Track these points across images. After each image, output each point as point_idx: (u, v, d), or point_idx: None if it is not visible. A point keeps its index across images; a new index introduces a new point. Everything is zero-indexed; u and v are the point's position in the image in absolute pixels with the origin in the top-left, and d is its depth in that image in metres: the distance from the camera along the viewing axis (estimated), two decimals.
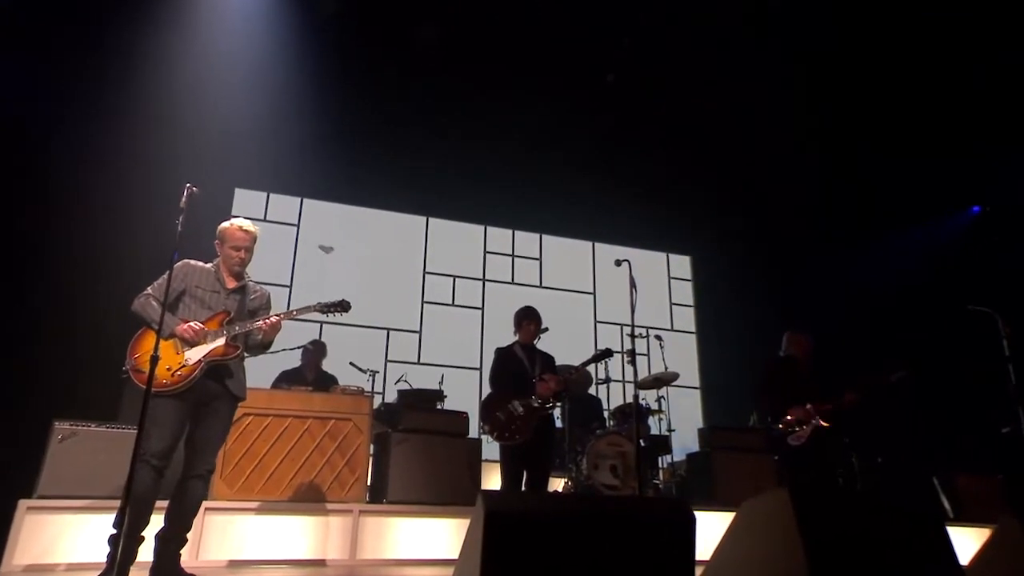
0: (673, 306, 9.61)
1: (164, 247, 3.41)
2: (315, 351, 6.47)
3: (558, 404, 5.25)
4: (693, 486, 6.26)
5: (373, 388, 6.30)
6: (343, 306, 3.92)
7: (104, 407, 4.92)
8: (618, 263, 5.06)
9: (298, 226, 8.16)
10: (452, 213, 8.79)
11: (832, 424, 4.97)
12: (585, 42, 7.53)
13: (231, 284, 3.74)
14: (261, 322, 3.65)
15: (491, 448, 5.30)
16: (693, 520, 2.44)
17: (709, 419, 8.77)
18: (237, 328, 3.59)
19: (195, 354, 3.46)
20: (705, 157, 8.55)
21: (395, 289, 8.32)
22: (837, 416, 4.99)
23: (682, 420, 7.14)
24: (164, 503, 3.46)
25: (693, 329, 9.59)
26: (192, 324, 3.49)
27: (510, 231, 9.10)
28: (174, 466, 3.42)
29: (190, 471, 3.47)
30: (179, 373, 3.39)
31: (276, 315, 3.70)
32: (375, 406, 5.54)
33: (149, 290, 3.56)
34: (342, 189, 8.24)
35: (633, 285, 4.98)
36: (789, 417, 5.05)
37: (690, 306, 9.70)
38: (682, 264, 9.88)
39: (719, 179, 8.76)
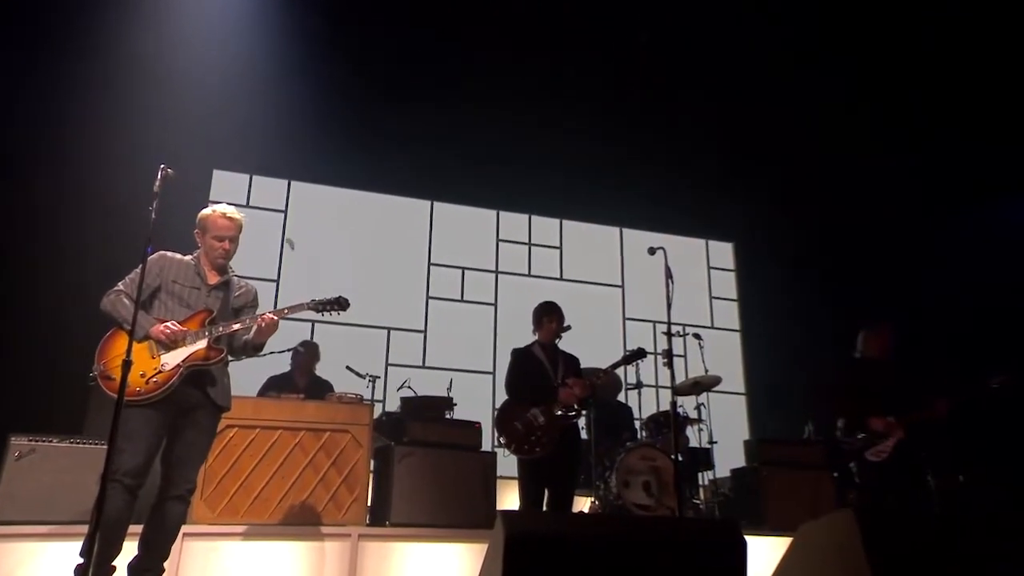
0: (714, 300, 9.55)
1: (136, 237, 3.42)
2: (307, 354, 6.47)
3: (583, 412, 5.23)
4: (738, 506, 6.23)
5: (373, 395, 6.31)
6: (340, 304, 3.91)
7: (68, 419, 4.93)
8: (651, 251, 5.05)
9: (285, 212, 8.16)
10: (460, 196, 8.77)
11: (909, 437, 4.89)
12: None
13: (213, 279, 3.75)
14: (257, 320, 3.65)
15: (507, 463, 5.30)
16: (743, 544, 2.42)
17: (756, 430, 8.73)
18: (220, 328, 3.59)
19: (173, 358, 3.47)
20: (749, 128, 8.43)
21: (396, 283, 8.32)
22: (917, 427, 4.91)
23: (725, 431, 7.11)
24: (138, 528, 3.47)
25: (737, 326, 9.54)
26: (169, 324, 3.50)
27: (526, 216, 9.08)
28: (149, 486, 3.44)
29: (167, 491, 3.48)
30: (155, 380, 3.40)
31: (270, 312, 3.70)
32: (375, 416, 5.54)
33: (120, 286, 3.57)
34: (334, 170, 8.23)
35: (669, 276, 4.97)
36: (873, 428, 4.98)
37: (734, 300, 9.64)
38: (724, 252, 9.83)
39: (765, 153, 8.65)
